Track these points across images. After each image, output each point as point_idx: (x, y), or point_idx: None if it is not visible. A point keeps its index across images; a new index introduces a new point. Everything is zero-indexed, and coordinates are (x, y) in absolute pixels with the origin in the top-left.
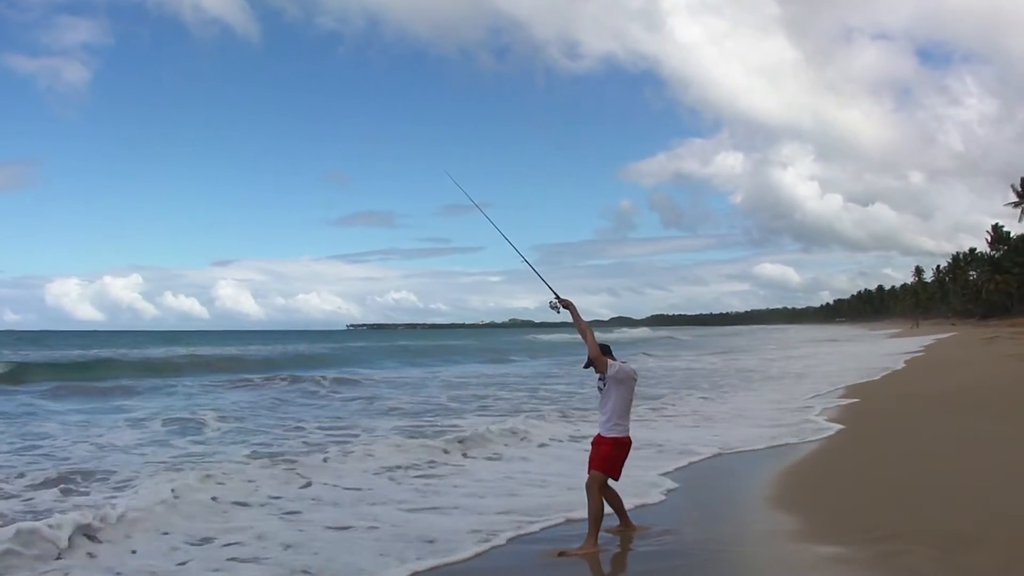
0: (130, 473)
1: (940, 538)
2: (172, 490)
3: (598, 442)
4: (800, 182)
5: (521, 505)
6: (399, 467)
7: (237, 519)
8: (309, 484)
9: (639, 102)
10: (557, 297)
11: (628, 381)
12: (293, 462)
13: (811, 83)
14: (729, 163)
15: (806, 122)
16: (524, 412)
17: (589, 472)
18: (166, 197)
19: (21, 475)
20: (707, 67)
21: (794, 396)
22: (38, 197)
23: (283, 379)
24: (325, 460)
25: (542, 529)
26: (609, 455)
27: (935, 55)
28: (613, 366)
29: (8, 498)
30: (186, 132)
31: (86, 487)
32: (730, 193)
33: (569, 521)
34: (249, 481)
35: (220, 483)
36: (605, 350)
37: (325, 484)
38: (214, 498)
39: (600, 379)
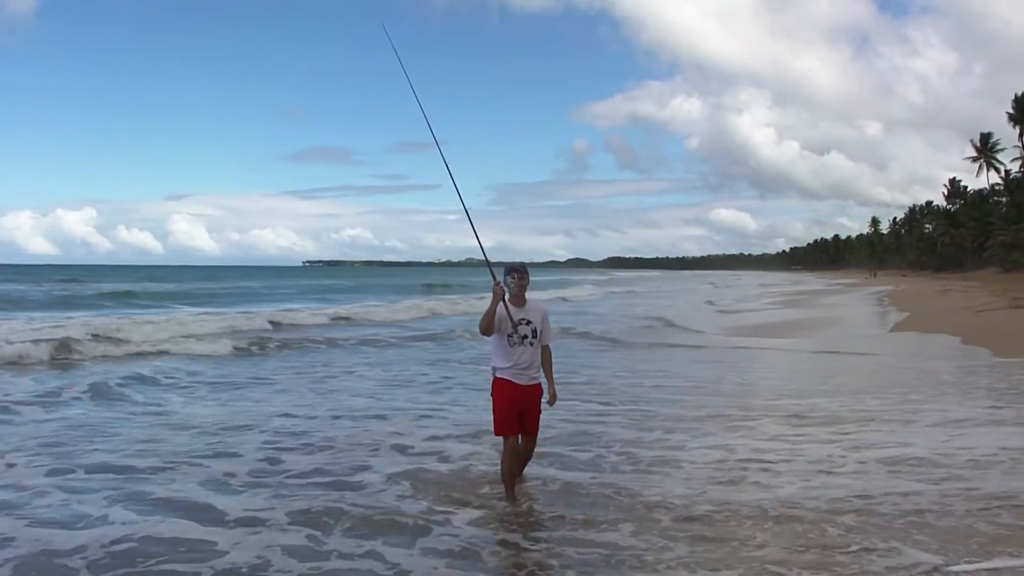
0: None
1: None
2: None
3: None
4: (756, 128)
5: None
6: None
7: None
8: None
9: (594, 42)
10: (496, 283)
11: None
12: None
13: (768, 27)
14: (685, 107)
15: (763, 68)
16: None
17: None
18: (118, 130)
19: None
20: (662, 8)
21: None
22: None
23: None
24: None
25: None
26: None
27: (894, 3)
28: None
29: None
30: (136, 64)
31: None
32: (686, 137)
33: None
34: None
35: None
36: (517, 273)
37: None
38: None
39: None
